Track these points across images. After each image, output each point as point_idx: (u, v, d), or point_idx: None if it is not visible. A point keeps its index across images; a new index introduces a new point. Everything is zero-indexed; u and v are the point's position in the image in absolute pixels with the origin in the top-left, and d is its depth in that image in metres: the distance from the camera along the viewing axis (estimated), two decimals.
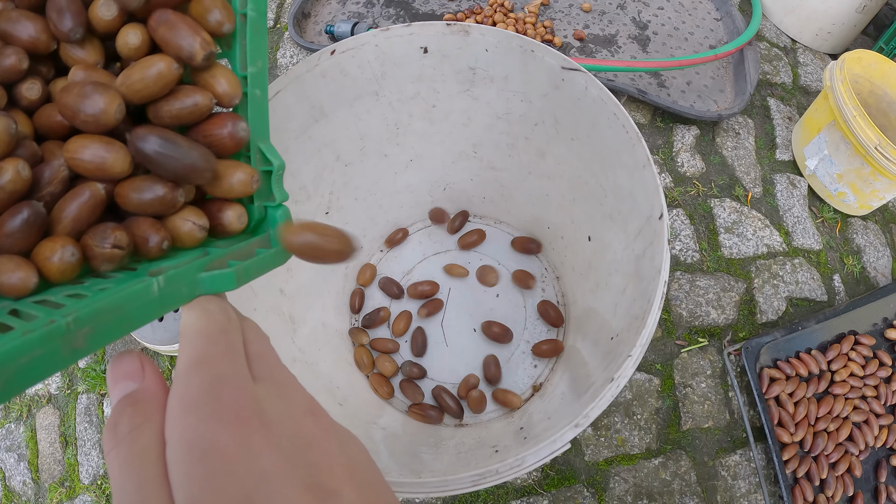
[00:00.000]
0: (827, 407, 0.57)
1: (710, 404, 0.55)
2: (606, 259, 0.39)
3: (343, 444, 0.15)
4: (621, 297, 0.35)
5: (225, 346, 0.15)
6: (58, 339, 0.14)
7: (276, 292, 0.41)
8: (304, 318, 0.44)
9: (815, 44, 0.80)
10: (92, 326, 0.14)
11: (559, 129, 0.41)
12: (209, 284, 0.17)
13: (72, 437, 0.63)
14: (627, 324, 0.32)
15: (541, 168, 0.45)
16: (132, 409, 0.14)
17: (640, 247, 0.33)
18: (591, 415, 0.27)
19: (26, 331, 0.13)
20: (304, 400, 0.16)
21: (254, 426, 0.13)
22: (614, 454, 0.52)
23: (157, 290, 0.16)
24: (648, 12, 0.76)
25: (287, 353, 0.39)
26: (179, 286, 0.17)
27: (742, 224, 0.63)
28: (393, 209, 0.52)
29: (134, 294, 0.16)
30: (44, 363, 0.13)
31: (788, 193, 0.66)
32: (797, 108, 0.73)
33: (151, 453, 0.13)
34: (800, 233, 0.64)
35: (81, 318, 0.14)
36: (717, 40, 0.74)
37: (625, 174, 0.35)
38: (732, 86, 0.70)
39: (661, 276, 0.29)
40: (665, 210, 0.30)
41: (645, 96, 0.64)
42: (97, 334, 0.15)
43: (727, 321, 0.59)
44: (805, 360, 0.57)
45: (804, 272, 0.62)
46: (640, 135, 0.32)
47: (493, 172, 0.49)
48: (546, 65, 0.37)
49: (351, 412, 0.41)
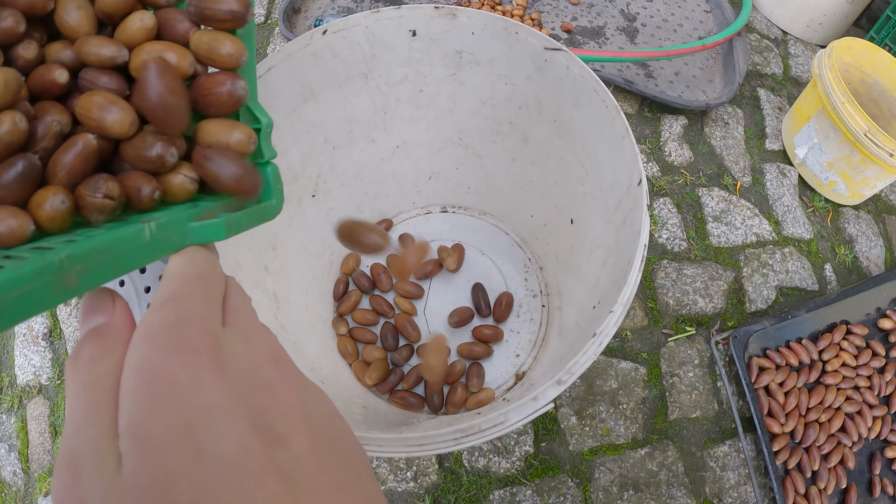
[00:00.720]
0: (819, 397, 0.56)
1: (698, 394, 0.55)
2: (588, 238, 0.39)
3: (304, 395, 0.15)
4: (602, 269, 0.35)
5: (201, 290, 0.15)
6: (51, 275, 0.14)
7: (260, 268, 0.41)
8: (288, 298, 0.44)
9: (806, 35, 0.79)
10: (84, 265, 0.15)
11: (542, 112, 0.41)
12: (199, 234, 0.18)
13: (62, 428, 0.63)
14: (609, 288, 0.32)
15: (525, 153, 0.46)
16: (96, 340, 0.14)
17: (620, 216, 0.34)
18: (574, 370, 0.26)
19: (19, 267, 0.14)
20: (270, 346, 0.16)
21: (208, 360, 0.13)
22: (599, 444, 0.51)
23: (148, 236, 0.16)
24: (637, 4, 0.76)
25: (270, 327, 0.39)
26: (170, 233, 0.17)
27: (730, 213, 0.62)
28: (379, 197, 0.52)
29: (126, 237, 0.16)
30: (35, 298, 0.14)
31: (778, 182, 0.66)
32: (788, 99, 0.73)
33: (107, 380, 0.13)
34: (790, 222, 0.64)
35: (74, 255, 0.14)
36: (706, 32, 0.74)
37: (605, 148, 0.35)
38: (721, 76, 0.70)
39: (640, 239, 0.29)
40: (644, 176, 0.31)
41: (632, 86, 0.63)
42: (89, 274, 0.15)
43: (715, 310, 0.58)
44: (796, 349, 0.57)
45: (794, 261, 0.61)
46: (618, 108, 0.33)
47: (477, 160, 0.49)
48: (529, 46, 0.38)
49: (332, 391, 0.41)
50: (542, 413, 0.26)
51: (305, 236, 0.47)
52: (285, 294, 0.44)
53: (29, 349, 0.66)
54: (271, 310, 0.41)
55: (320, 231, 0.48)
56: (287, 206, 0.44)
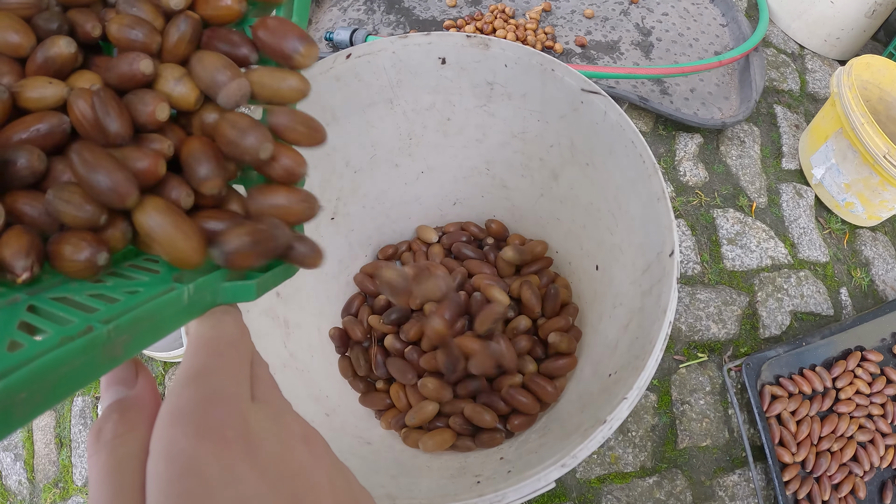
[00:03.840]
0: (831, 426, 0.55)
1: (709, 422, 0.54)
2: (612, 291, 0.38)
3: (335, 477, 0.15)
4: (624, 333, 0.34)
5: (231, 362, 0.15)
6: (98, 348, 0.13)
7: (271, 295, 0.40)
8: (300, 322, 0.43)
9: (824, 50, 0.78)
10: (130, 335, 0.14)
11: (574, 153, 0.40)
12: (231, 294, 0.17)
13: (66, 439, 0.63)
14: (627, 362, 0.30)
15: (553, 191, 0.45)
16: (118, 416, 0.14)
17: (647, 283, 0.32)
18: (580, 455, 0.26)
19: (66, 338, 0.13)
20: (299, 426, 0.15)
21: (239, 449, 0.13)
22: (607, 472, 0.50)
23: (186, 299, 0.16)
24: (652, 18, 0.75)
25: (278, 357, 0.39)
26: (204, 294, 0.17)
27: (745, 235, 0.61)
28: (401, 220, 0.51)
29: (167, 302, 0.16)
30: (83, 373, 0.13)
31: (794, 203, 0.64)
32: (805, 116, 0.71)
33: (131, 463, 0.13)
34: (806, 244, 0.62)
35: (121, 326, 0.14)
36: (722, 46, 0.73)
37: (638, 205, 0.34)
38: (737, 93, 0.69)
39: (665, 317, 0.28)
40: (677, 247, 0.29)
41: (647, 104, 0.62)
42: (134, 342, 0.14)
43: (728, 336, 0.57)
44: (809, 377, 0.56)
45: (810, 285, 0.60)
46: (657, 166, 0.32)
47: (504, 191, 0.48)
48: (566, 85, 0.37)
49: (338, 424, 0.40)
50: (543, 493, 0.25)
51: None
52: (297, 318, 0.43)
53: None
54: (280, 337, 0.40)
55: (338, 253, 0.48)
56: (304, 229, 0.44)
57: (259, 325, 0.38)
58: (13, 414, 0.12)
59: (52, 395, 0.13)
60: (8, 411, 0.12)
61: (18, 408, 0.12)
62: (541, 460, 0.27)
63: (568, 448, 0.26)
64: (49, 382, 0.12)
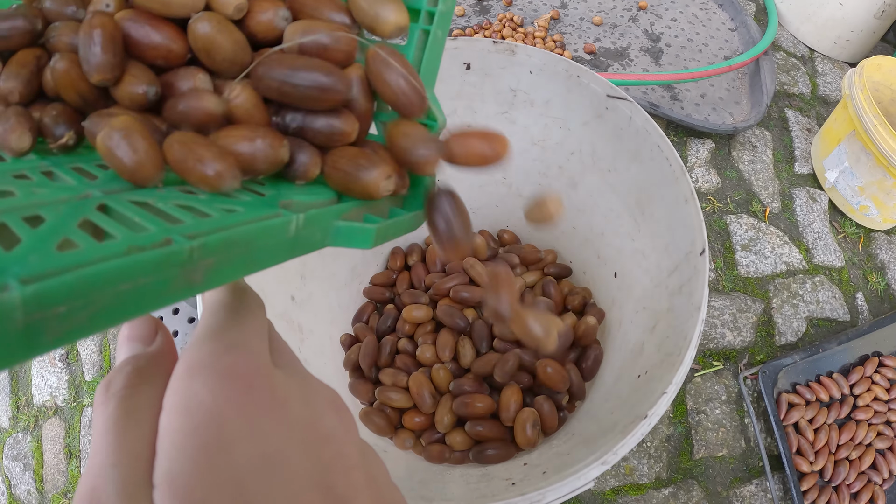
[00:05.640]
0: (849, 434, 0.54)
1: (725, 431, 0.53)
2: (633, 296, 0.38)
3: (365, 451, 0.13)
4: (650, 335, 0.34)
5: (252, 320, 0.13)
6: (175, 268, 0.11)
7: (286, 299, 0.40)
8: (312, 328, 0.43)
9: (834, 52, 0.77)
10: (216, 259, 0.12)
11: (596, 160, 0.40)
12: (345, 236, 0.15)
13: (76, 450, 0.63)
14: (659, 360, 0.30)
15: (571, 199, 0.44)
16: (131, 369, 0.12)
17: (676, 283, 0.32)
18: (620, 451, 0.26)
19: (135, 247, 0.10)
20: (328, 392, 0.14)
21: (265, 402, 0.11)
22: (622, 483, 0.50)
23: (293, 230, 0.14)
24: (661, 24, 0.74)
25: None
26: (315, 230, 0.14)
27: (759, 241, 0.61)
28: None
29: (269, 229, 0.13)
30: (149, 295, 0.10)
31: (808, 208, 0.64)
32: (816, 119, 0.70)
33: (143, 415, 0.11)
34: (820, 249, 0.62)
35: (209, 246, 0.11)
36: (731, 51, 0.72)
37: (663, 209, 0.34)
38: (748, 97, 0.68)
39: (699, 314, 0.28)
40: (707, 245, 0.29)
41: (657, 110, 0.62)
42: (219, 270, 0.12)
43: (743, 343, 0.56)
44: (826, 384, 0.55)
45: (825, 291, 0.60)
46: (683, 168, 0.32)
47: (520, 201, 0.48)
48: (591, 92, 0.36)
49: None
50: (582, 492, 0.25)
51: (335, 264, 0.46)
52: (310, 325, 0.43)
53: (46, 370, 0.66)
54: (295, 343, 0.40)
55: (352, 261, 0.47)
56: None
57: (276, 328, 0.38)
58: (44, 332, 0.09)
59: (100, 318, 0.10)
60: (36, 327, 0.09)
61: (52, 325, 0.09)
62: (576, 460, 0.27)
63: (608, 445, 0.26)
64: (99, 300, 0.09)
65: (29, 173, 0.15)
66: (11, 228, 0.11)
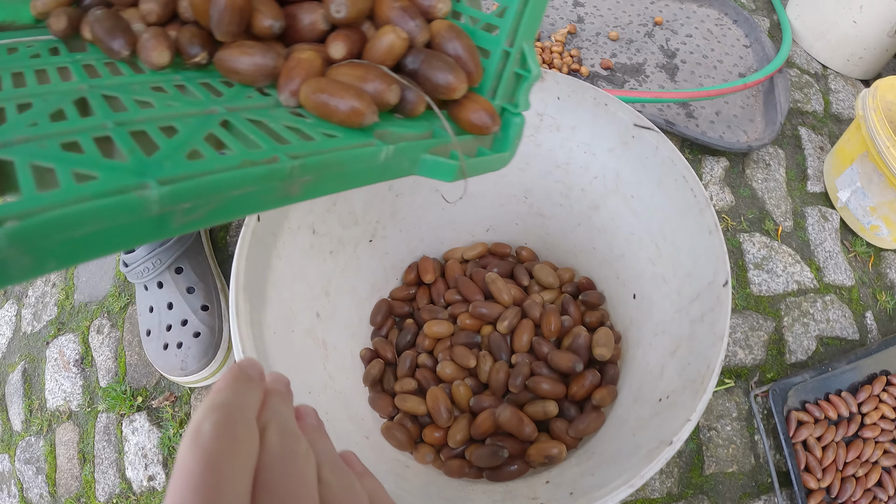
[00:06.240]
0: (856, 451, 0.55)
1: (735, 448, 0.54)
2: (652, 319, 0.39)
3: None
4: (670, 359, 0.34)
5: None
6: (277, 181, 0.13)
7: (312, 315, 0.40)
8: (336, 344, 0.44)
9: (846, 69, 0.78)
10: (313, 177, 0.14)
11: (619, 185, 0.40)
12: (429, 168, 0.17)
13: (90, 455, 0.63)
14: (681, 386, 0.31)
15: (592, 221, 0.45)
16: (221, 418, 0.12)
17: (697, 311, 0.33)
18: (647, 475, 0.27)
19: (248, 161, 0.13)
20: None
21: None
22: (634, 498, 0.51)
23: (383, 158, 0.16)
24: (676, 40, 0.75)
25: (318, 379, 0.39)
26: (403, 159, 0.16)
27: (772, 260, 0.61)
28: (434, 243, 0.52)
29: (362, 155, 0.15)
30: (253, 201, 0.13)
31: (820, 227, 0.64)
32: (829, 138, 0.71)
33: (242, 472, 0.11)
34: (831, 268, 0.62)
35: (307, 165, 0.14)
36: (746, 68, 0.73)
37: (686, 237, 0.35)
38: (762, 115, 0.69)
39: (722, 343, 0.29)
40: (730, 277, 0.30)
41: (673, 128, 0.62)
42: (315, 186, 0.14)
43: (755, 361, 0.57)
44: (835, 402, 0.56)
45: (835, 310, 0.60)
46: (708, 200, 0.32)
47: (540, 219, 0.49)
48: (617, 119, 0.37)
49: (377, 446, 0.41)
50: None
51: (357, 280, 0.47)
52: (334, 340, 0.43)
53: (60, 374, 0.67)
54: (321, 359, 0.41)
55: (372, 276, 0.48)
56: (344, 250, 0.44)
57: (303, 346, 0.38)
58: (170, 222, 0.12)
59: (214, 214, 0.12)
60: (166, 218, 0.12)
61: (177, 217, 0.12)
62: (604, 482, 0.28)
63: (634, 468, 0.27)
64: (215, 201, 0.12)
65: (164, 86, 0.17)
66: (150, 136, 0.14)
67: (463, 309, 0.48)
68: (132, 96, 0.16)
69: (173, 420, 0.60)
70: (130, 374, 0.64)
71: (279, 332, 0.35)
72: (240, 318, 0.32)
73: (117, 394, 0.63)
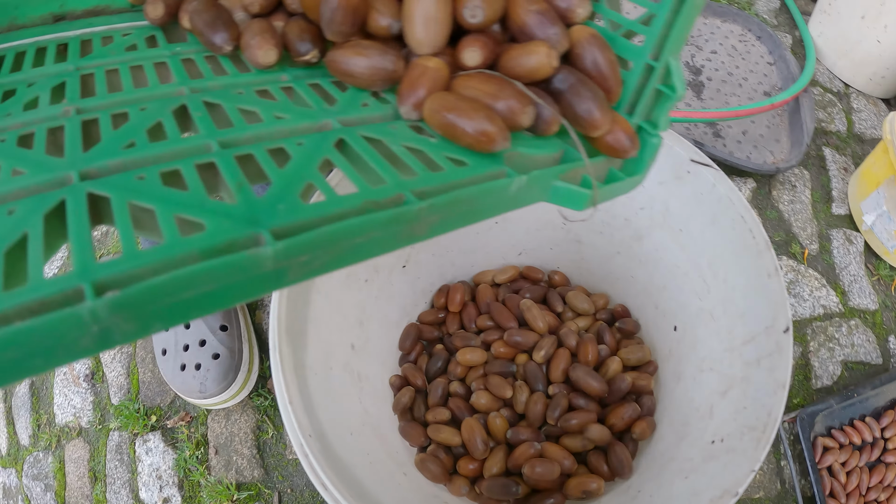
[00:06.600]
0: (879, 476, 0.55)
1: (762, 473, 0.54)
2: (697, 354, 0.38)
3: None
4: (720, 399, 0.34)
5: None
6: (403, 224, 0.12)
7: (347, 348, 0.39)
8: (369, 374, 0.42)
9: (869, 88, 0.77)
10: (441, 216, 0.13)
11: (667, 218, 0.39)
12: (560, 197, 0.16)
13: (101, 474, 0.62)
14: (738, 431, 0.31)
15: (633, 250, 0.44)
16: None
17: (753, 354, 0.32)
18: None
19: (370, 202, 0.11)
20: None
21: None
22: None
23: (514, 190, 0.14)
24: (702, 56, 0.74)
25: (355, 417, 0.38)
26: (534, 188, 0.15)
27: (799, 284, 0.61)
28: (465, 267, 0.51)
29: (493, 189, 0.14)
30: (376, 246, 0.12)
31: (845, 250, 0.64)
32: (852, 158, 0.71)
33: None
34: (856, 292, 0.62)
35: (436, 206, 0.12)
36: (770, 86, 0.72)
37: (741, 277, 0.34)
38: (788, 135, 0.68)
39: (784, 391, 0.29)
40: (791, 324, 0.29)
41: (702, 148, 0.62)
42: (441, 225, 0.13)
43: None
44: (859, 427, 0.56)
45: (860, 334, 0.60)
46: (769, 242, 0.31)
47: (576, 245, 0.48)
48: (673, 153, 0.36)
49: (416, 484, 0.40)
50: None
51: (389, 306, 0.45)
52: (367, 371, 0.42)
53: (69, 389, 0.65)
54: (357, 394, 0.39)
55: (403, 300, 0.47)
56: (378, 277, 0.43)
57: (341, 382, 0.37)
58: (284, 277, 0.11)
59: (332, 263, 0.11)
60: (281, 273, 0.10)
61: (293, 271, 0.11)
62: None
63: None
64: (335, 251, 0.11)
65: (271, 89, 0.16)
66: (258, 162, 0.12)
67: (496, 336, 0.47)
68: (236, 104, 0.14)
69: (189, 441, 0.58)
70: (143, 391, 0.62)
71: (319, 372, 0.34)
72: (284, 363, 0.30)
73: (130, 412, 0.61)
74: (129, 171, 0.12)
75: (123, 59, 0.17)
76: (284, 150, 0.13)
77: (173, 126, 0.14)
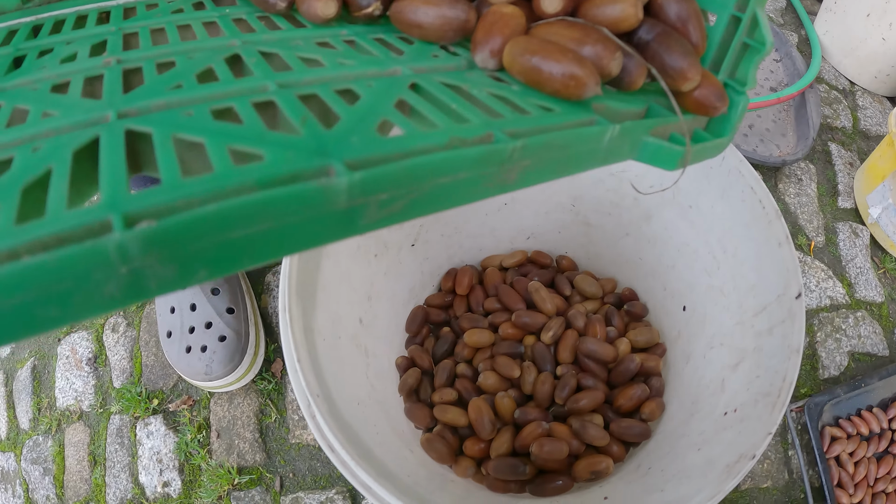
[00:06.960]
0: (887, 467, 0.55)
1: (770, 463, 0.53)
2: (706, 332, 0.38)
3: None
4: (731, 372, 0.33)
5: None
6: (494, 166, 0.10)
7: (356, 321, 0.39)
8: (376, 351, 0.42)
9: (874, 86, 0.78)
10: (533, 160, 0.11)
11: (676, 195, 0.39)
12: (649, 154, 0.14)
13: (101, 458, 0.61)
14: (752, 399, 0.31)
15: (642, 230, 0.44)
16: None
17: (765, 324, 0.32)
18: (726, 489, 0.27)
19: (457, 138, 0.10)
20: None
21: None
22: None
23: (607, 140, 0.13)
24: None
25: (362, 389, 0.37)
26: (625, 142, 0.14)
27: (806, 275, 0.61)
28: (472, 250, 0.51)
29: (586, 136, 0.13)
30: (464, 190, 0.10)
31: (851, 243, 0.64)
32: (858, 154, 0.71)
33: None
34: (862, 284, 0.62)
35: (530, 147, 0.11)
36: (777, 82, 0.73)
37: (751, 249, 0.34)
38: (794, 130, 0.69)
39: (798, 356, 0.29)
40: (802, 290, 0.29)
41: None
42: (533, 172, 0.11)
43: None
44: (867, 418, 0.56)
45: (867, 326, 0.60)
46: (778, 212, 0.31)
47: (585, 228, 0.48)
48: None
49: (421, 459, 0.39)
50: None
51: (397, 285, 0.45)
52: (374, 348, 0.42)
53: (71, 373, 0.64)
54: (364, 367, 0.39)
55: (411, 280, 0.47)
56: (388, 253, 0.43)
57: (349, 353, 0.37)
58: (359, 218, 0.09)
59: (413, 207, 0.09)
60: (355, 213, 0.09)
61: (370, 211, 0.09)
62: (680, 498, 0.27)
63: (714, 484, 0.27)
64: (417, 191, 0.09)
65: (332, 41, 0.14)
66: (326, 102, 0.10)
67: (504, 318, 0.47)
68: (295, 52, 0.13)
69: (191, 424, 0.58)
70: (146, 375, 0.62)
71: (328, 339, 0.34)
72: (293, 323, 0.30)
73: (132, 395, 0.61)
74: (175, 108, 0.10)
75: (170, 20, 0.15)
76: (353, 91, 0.11)
77: (226, 72, 0.12)
